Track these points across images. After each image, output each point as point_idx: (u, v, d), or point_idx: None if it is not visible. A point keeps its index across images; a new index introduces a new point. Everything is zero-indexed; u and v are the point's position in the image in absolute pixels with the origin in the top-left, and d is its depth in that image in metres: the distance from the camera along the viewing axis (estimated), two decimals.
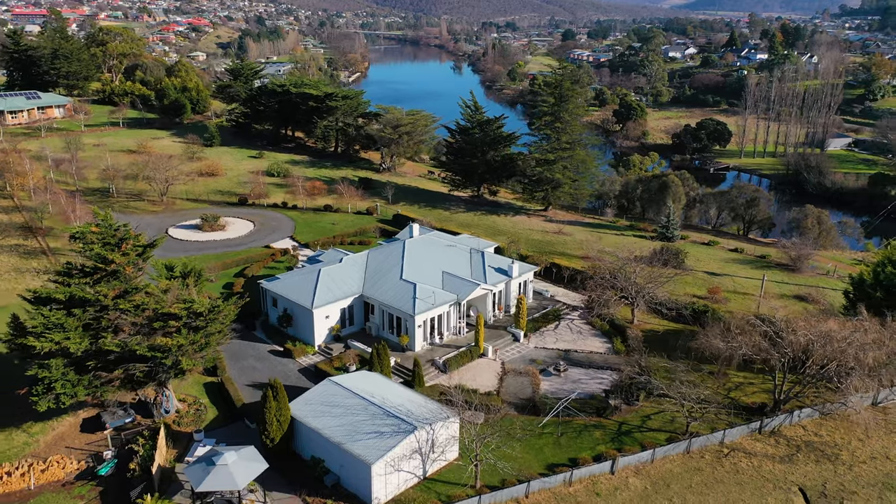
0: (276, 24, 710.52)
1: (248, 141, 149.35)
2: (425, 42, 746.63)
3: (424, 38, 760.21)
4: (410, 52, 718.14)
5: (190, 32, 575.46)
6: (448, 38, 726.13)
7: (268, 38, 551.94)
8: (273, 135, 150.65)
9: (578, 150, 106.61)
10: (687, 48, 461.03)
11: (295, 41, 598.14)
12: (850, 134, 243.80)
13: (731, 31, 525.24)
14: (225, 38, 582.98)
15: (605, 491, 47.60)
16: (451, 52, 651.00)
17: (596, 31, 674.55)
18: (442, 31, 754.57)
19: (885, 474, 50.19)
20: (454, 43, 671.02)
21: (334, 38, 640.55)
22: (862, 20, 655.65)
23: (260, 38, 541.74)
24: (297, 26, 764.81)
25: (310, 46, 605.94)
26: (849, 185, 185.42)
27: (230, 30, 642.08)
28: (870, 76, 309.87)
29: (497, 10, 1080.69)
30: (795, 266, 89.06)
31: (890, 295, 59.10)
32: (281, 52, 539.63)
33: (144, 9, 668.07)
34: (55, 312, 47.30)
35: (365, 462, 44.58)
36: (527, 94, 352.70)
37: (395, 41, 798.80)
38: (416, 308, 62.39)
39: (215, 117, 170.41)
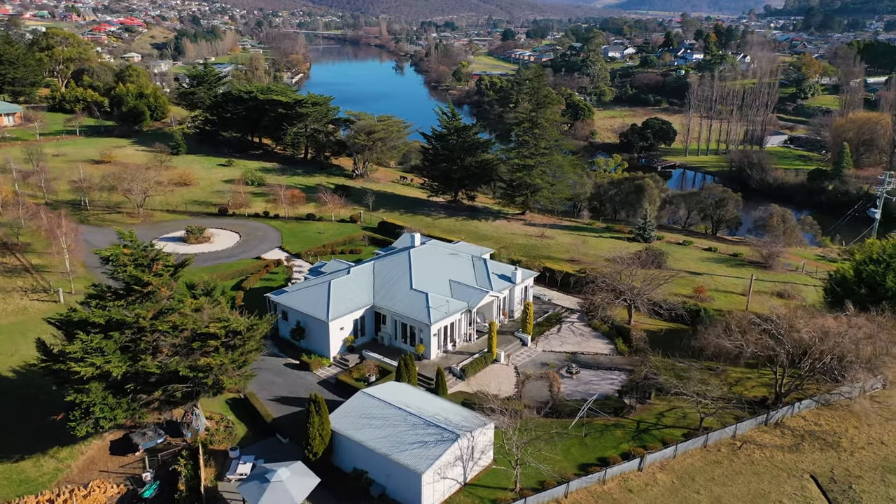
0: (212, 24, 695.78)
1: (214, 148, 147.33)
2: (365, 42, 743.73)
3: (364, 38, 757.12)
4: (350, 52, 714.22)
5: (123, 33, 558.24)
6: (388, 37, 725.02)
7: (205, 39, 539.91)
8: (240, 142, 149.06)
9: (556, 154, 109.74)
10: (626, 48, 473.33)
11: (233, 41, 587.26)
12: (785, 131, 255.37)
13: (665, 32, 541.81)
14: (160, 38, 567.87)
15: (637, 487, 50.31)
16: (393, 51, 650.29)
17: (534, 31, 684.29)
18: (382, 31, 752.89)
19: (883, 458, 54.48)
20: (395, 43, 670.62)
21: (273, 39, 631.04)
22: (786, 20, 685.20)
23: (197, 39, 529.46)
24: (234, 26, 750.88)
25: (248, 47, 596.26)
26: (789, 180, 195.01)
27: (165, 30, 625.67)
28: (800, 75, 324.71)
29: (435, 9, 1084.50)
30: (767, 263, 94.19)
31: (873, 291, 63.78)
32: (219, 52, 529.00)
33: (72, 8, 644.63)
34: (94, 336, 47.06)
35: (415, 471, 46.04)
36: (473, 94, 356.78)
37: (334, 41, 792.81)
38: (431, 317, 63.97)
39: (176, 124, 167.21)
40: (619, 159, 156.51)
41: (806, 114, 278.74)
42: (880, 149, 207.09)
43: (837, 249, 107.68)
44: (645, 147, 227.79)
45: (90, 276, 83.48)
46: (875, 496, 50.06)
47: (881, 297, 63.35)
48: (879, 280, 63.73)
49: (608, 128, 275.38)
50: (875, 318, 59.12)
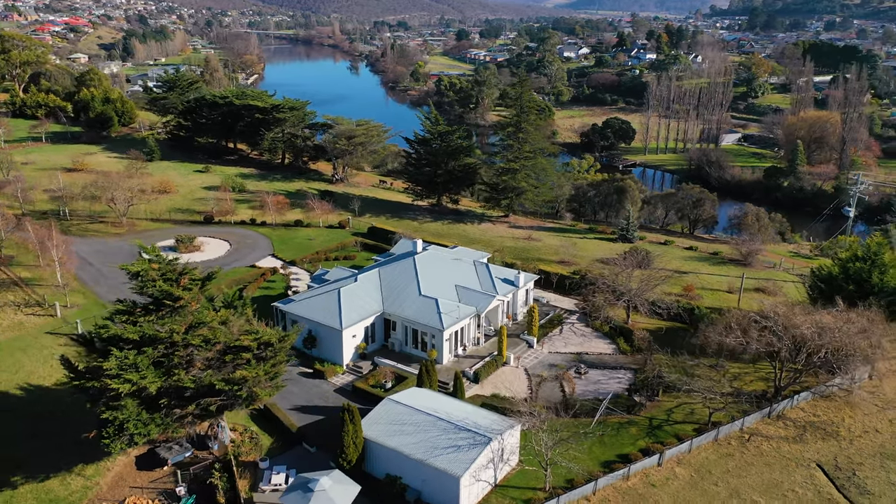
0: (160, 24, 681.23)
1: (188, 154, 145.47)
2: (318, 42, 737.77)
3: (317, 38, 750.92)
4: (303, 52, 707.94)
5: (68, 33, 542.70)
6: (342, 37, 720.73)
7: (154, 39, 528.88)
8: (215, 148, 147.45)
9: (539, 158, 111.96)
10: (580, 48, 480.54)
11: (183, 42, 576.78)
12: (738, 129, 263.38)
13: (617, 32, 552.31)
14: (107, 38, 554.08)
15: (658, 482, 52.54)
16: (347, 52, 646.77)
17: (487, 31, 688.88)
18: (335, 31, 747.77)
19: (880, 445, 57.92)
20: (349, 43, 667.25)
21: (224, 39, 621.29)
22: (731, 20, 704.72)
23: (146, 39, 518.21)
24: (183, 25, 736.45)
25: (199, 47, 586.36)
26: (746, 177, 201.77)
27: (111, 30, 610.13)
28: (750, 75, 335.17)
29: (387, 9, 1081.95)
30: (746, 261, 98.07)
31: (860, 288, 67.48)
32: (169, 53, 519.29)
33: (13, 7, 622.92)
34: (128, 352, 46.98)
35: (453, 475, 47.32)
36: (432, 94, 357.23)
37: (286, 41, 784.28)
38: (444, 323, 65.25)
39: (145, 130, 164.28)
40: (592, 160, 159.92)
41: (757, 112, 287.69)
42: (830, 146, 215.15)
43: (809, 246, 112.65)
44: (606, 146, 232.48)
45: (84, 289, 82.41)
46: (878, 481, 53.30)
47: (868, 293, 67.06)
48: (866, 277, 67.49)
49: (568, 127, 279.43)
50: (865, 314, 62.68)
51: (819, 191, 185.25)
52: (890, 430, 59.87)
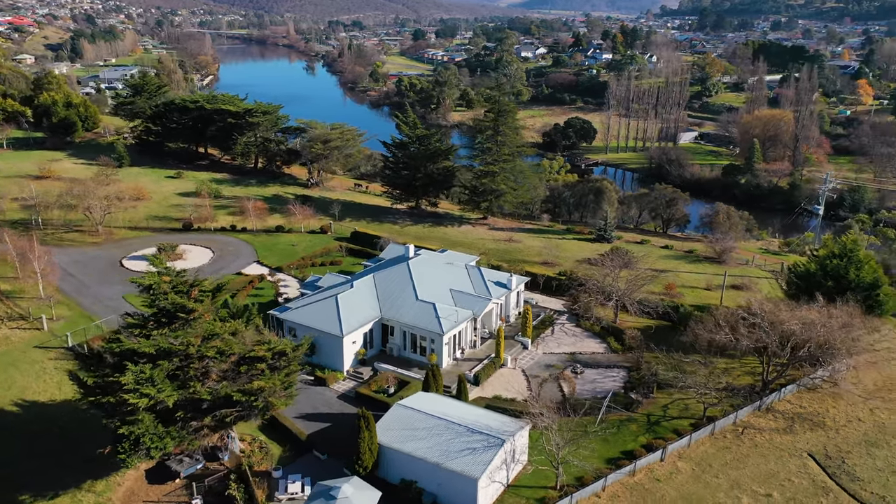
0: (109, 24, 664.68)
1: (157, 160, 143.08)
2: (273, 41, 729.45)
3: (271, 38, 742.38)
4: (257, 52, 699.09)
5: (12, 33, 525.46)
6: (297, 37, 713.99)
7: (103, 39, 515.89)
8: (186, 153, 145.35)
9: (518, 160, 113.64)
10: (537, 48, 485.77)
11: (133, 42, 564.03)
12: (694, 128, 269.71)
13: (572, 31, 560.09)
14: (54, 38, 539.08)
15: (663, 476, 54.48)
16: (303, 52, 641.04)
17: (443, 31, 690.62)
18: (290, 31, 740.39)
19: (864, 433, 60.96)
20: (305, 43, 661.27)
21: (176, 39, 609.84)
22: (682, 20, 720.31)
23: (95, 39, 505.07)
24: (132, 25, 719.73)
25: (150, 47, 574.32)
26: (705, 175, 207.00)
27: (58, 29, 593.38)
28: (704, 74, 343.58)
29: (341, 8, 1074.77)
30: (720, 259, 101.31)
31: (838, 283, 70.72)
32: (119, 53, 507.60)
33: None
34: (143, 366, 46.78)
35: (470, 477, 48.39)
36: (393, 95, 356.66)
37: (239, 40, 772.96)
38: (443, 327, 66.22)
39: (110, 135, 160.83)
40: (562, 161, 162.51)
41: (711, 111, 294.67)
42: (784, 144, 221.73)
43: (778, 242, 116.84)
44: (568, 146, 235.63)
45: (68, 300, 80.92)
46: (866, 468, 56.17)
47: (845, 289, 70.33)
48: (843, 273, 70.77)
49: (530, 127, 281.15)
50: (845, 309, 65.79)
51: (775, 187, 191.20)
52: (871, 418, 63.01)
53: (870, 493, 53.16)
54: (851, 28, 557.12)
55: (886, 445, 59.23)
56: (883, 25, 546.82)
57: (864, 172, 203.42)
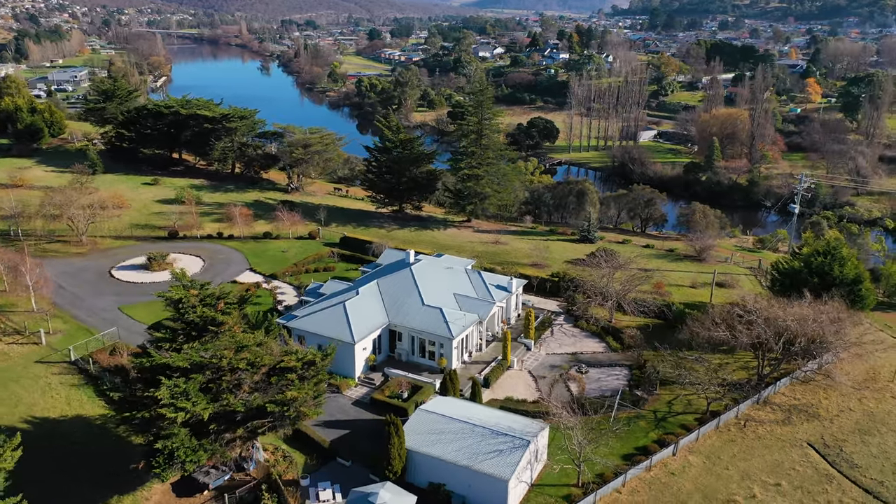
0: (54, 23, 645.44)
1: (131, 166, 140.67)
2: (225, 41, 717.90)
3: (224, 38, 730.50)
4: (209, 52, 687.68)
5: None
6: (250, 37, 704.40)
7: (49, 39, 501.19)
8: (160, 159, 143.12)
9: (500, 163, 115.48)
10: (495, 48, 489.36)
11: (80, 42, 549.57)
12: (653, 126, 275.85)
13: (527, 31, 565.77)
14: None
15: (677, 470, 56.82)
16: (257, 51, 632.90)
17: (398, 30, 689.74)
18: (242, 30, 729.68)
19: (856, 422, 64.39)
20: (259, 43, 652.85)
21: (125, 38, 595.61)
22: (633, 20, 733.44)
23: (40, 40, 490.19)
24: (77, 24, 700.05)
25: (98, 48, 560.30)
26: (667, 173, 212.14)
27: (0, 29, 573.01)
28: (660, 74, 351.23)
29: (293, 7, 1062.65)
30: (701, 257, 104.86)
31: (823, 280, 74.33)
32: (66, 54, 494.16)
33: None
34: (177, 380, 46.94)
35: (501, 478, 49.86)
36: (353, 96, 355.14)
37: (190, 40, 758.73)
38: (452, 331, 67.51)
39: (78, 141, 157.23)
40: (536, 162, 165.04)
41: (668, 109, 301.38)
42: (741, 142, 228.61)
43: (752, 240, 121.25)
44: (531, 145, 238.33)
45: (62, 313, 79.65)
46: (862, 455, 59.46)
47: (830, 285, 73.97)
48: (828, 270, 74.39)
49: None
50: (834, 304, 69.30)
51: (735, 184, 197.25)
52: (861, 408, 66.54)
53: (869, 479, 56.36)
54: (795, 27, 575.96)
55: (878, 433, 62.70)
56: (825, 25, 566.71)
57: (817, 169, 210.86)
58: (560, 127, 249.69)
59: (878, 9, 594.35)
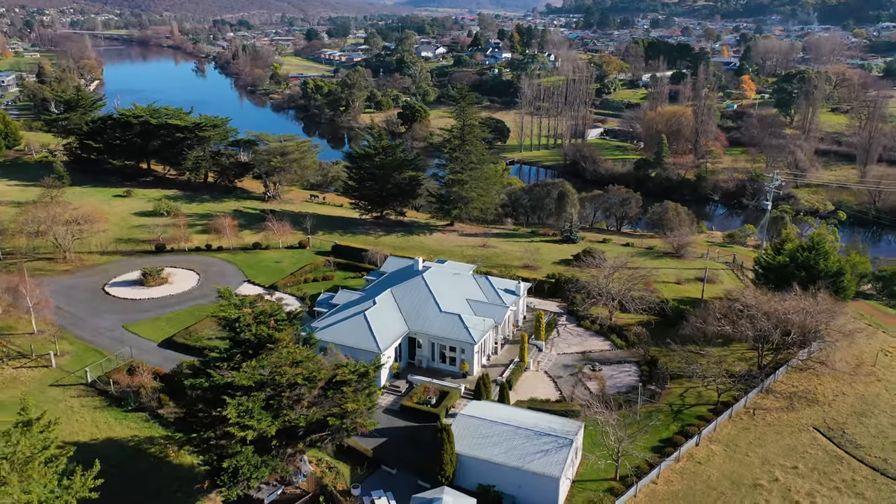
0: None
1: (98, 178, 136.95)
2: (156, 42, 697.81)
3: (154, 39, 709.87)
4: (139, 54, 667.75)
5: None
6: (182, 38, 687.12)
7: None
8: (128, 169, 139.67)
9: (484, 167, 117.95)
10: (437, 48, 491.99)
11: (1, 44, 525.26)
12: (598, 124, 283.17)
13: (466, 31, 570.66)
14: None
15: (702, 459, 60.42)
16: (191, 53, 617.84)
17: (335, 30, 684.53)
18: (174, 31, 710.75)
19: (851, 406, 69.47)
20: (194, 44, 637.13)
21: (50, 40, 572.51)
22: (567, 18, 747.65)
23: None
24: None
25: (21, 50, 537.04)
26: (618, 170, 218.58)
27: None
28: (602, 72, 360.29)
29: (223, 6, 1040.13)
30: (679, 253, 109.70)
31: (809, 273, 79.50)
32: None
33: None
34: (240, 398, 47.54)
35: (552, 477, 52.34)
36: (298, 98, 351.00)
37: (118, 41, 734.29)
38: (474, 336, 69.59)
39: (36, 152, 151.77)
40: (504, 164, 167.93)
41: (611, 107, 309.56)
42: (686, 138, 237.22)
43: (721, 235, 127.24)
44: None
45: (66, 334, 78.13)
46: (863, 436, 64.36)
47: (815, 278, 79.17)
48: (813, 264, 79.61)
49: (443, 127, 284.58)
50: (823, 296, 74.41)
51: (684, 180, 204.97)
52: (853, 392, 71.72)
53: (874, 458, 61.19)
54: (723, 25, 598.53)
55: (872, 414, 67.85)
56: (750, 23, 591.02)
57: (757, 162, 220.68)
58: (510, 126, 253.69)
59: (799, 6, 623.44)
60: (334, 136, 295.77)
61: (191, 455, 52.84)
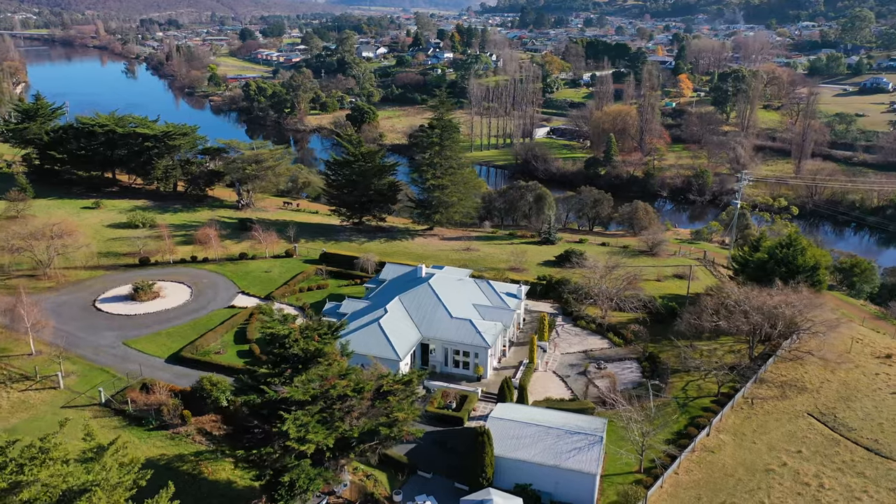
0: None
1: (62, 189, 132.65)
2: (81, 43, 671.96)
3: (79, 38, 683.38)
4: (63, 54, 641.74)
5: None
6: (109, 37, 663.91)
7: None
8: (94, 180, 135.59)
9: (463, 171, 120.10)
10: (377, 48, 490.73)
11: None
12: (544, 123, 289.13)
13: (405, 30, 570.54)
14: None
15: (715, 448, 64.30)
16: (120, 53, 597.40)
17: (270, 30, 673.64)
18: (99, 31, 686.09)
19: (836, 391, 74.80)
20: (123, 44, 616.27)
21: None
22: (503, 17, 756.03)
23: None
24: None
25: None
26: (569, 168, 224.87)
27: None
28: (545, 72, 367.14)
29: (148, 5, 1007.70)
30: (654, 251, 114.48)
31: (788, 268, 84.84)
32: None
33: None
34: (296, 413, 48.43)
35: (589, 473, 55.11)
36: (240, 100, 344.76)
37: (39, 41, 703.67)
38: (488, 341, 71.81)
39: None
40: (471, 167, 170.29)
41: (555, 106, 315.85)
42: (631, 136, 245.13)
43: (688, 233, 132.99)
44: None
45: (67, 354, 76.14)
46: (852, 418, 69.56)
47: (795, 272, 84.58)
48: (792, 259, 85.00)
49: (391, 129, 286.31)
50: (804, 290, 79.73)
51: (632, 177, 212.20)
52: (836, 378, 77.12)
53: (866, 439, 66.35)
54: (653, 24, 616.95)
55: (857, 399, 73.28)
56: (679, 22, 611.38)
57: (699, 159, 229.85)
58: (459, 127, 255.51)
59: (724, 6, 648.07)
60: (280, 139, 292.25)
61: (242, 470, 53.22)
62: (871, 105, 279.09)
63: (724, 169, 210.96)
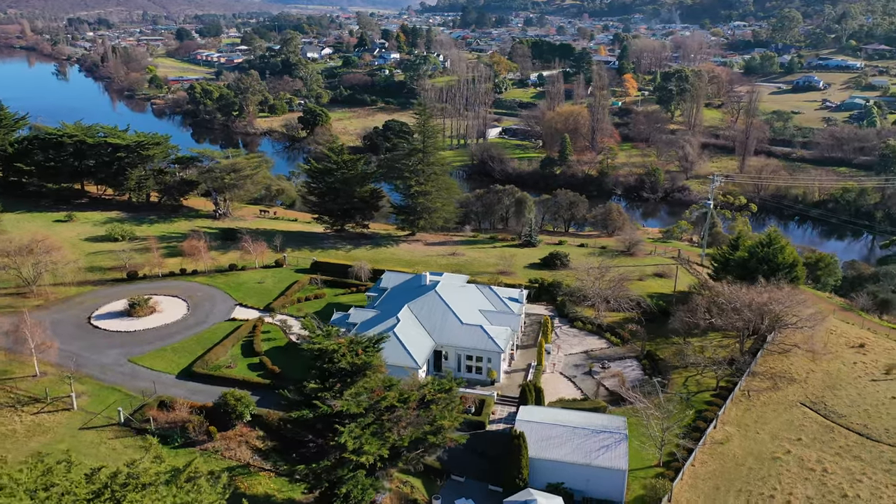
0: None
1: (28, 202, 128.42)
2: (6, 43, 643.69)
3: (4, 39, 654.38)
4: None
5: None
6: (36, 37, 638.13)
7: None
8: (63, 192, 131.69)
9: (445, 177, 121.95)
10: (322, 48, 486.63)
11: None
12: (496, 124, 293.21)
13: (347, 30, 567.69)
14: None
15: (723, 440, 68.21)
16: (49, 54, 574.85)
17: (207, 30, 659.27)
18: (25, 30, 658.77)
19: (822, 381, 80.00)
20: (53, 45, 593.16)
21: None
22: (443, 17, 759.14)
23: None
24: None
25: None
26: (525, 168, 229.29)
27: None
28: (493, 72, 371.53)
29: (75, 4, 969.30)
30: (631, 252, 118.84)
31: (769, 266, 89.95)
32: None
33: None
34: (350, 426, 49.69)
35: (619, 469, 58.08)
36: (185, 103, 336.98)
37: None
38: (501, 345, 74.14)
39: None
40: None
41: (505, 106, 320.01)
42: (583, 136, 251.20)
43: (658, 232, 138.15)
44: (389, 148, 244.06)
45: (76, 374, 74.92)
46: (841, 406, 74.63)
47: (775, 270, 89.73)
48: (772, 258, 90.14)
49: (345, 131, 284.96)
50: (787, 286, 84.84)
51: (587, 176, 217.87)
52: (820, 369, 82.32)
53: (857, 425, 71.42)
54: (592, 24, 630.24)
55: (841, 387, 78.58)
56: (618, 22, 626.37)
57: (648, 157, 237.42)
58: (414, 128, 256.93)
59: (660, 5, 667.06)
60: (229, 142, 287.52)
61: (296, 484, 54.12)
62: (804, 102, 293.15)
63: (673, 167, 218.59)
